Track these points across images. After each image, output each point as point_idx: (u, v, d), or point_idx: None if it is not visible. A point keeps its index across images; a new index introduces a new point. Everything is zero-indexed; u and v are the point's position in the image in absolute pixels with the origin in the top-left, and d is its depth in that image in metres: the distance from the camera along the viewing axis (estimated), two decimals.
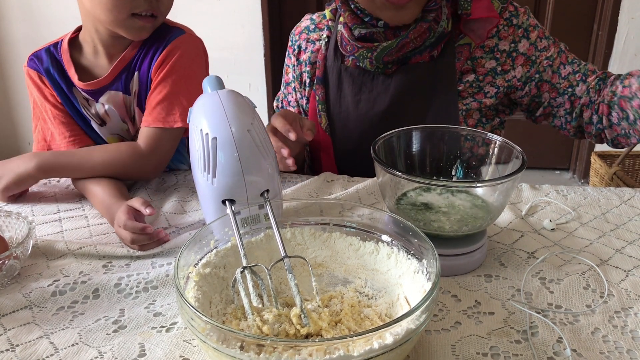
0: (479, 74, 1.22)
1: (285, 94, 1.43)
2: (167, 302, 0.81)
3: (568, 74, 1.21)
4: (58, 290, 0.83)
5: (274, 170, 0.86)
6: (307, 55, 1.33)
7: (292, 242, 0.83)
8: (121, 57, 1.20)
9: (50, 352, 0.71)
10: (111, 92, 1.22)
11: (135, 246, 0.93)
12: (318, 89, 1.30)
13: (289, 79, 1.40)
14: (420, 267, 0.72)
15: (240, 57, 3.15)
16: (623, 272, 0.85)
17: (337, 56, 1.28)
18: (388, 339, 0.57)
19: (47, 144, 1.26)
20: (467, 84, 1.22)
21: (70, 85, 1.22)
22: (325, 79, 1.30)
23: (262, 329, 0.65)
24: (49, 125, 1.25)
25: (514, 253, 0.90)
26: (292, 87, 1.40)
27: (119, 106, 1.23)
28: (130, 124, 1.27)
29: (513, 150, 0.88)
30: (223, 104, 0.82)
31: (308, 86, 1.34)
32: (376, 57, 1.18)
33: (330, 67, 1.28)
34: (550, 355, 0.68)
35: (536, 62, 1.21)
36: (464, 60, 1.21)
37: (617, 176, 2.05)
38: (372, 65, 1.20)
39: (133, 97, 1.23)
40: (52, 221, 1.06)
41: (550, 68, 1.21)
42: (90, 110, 1.24)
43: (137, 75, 1.22)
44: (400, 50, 1.17)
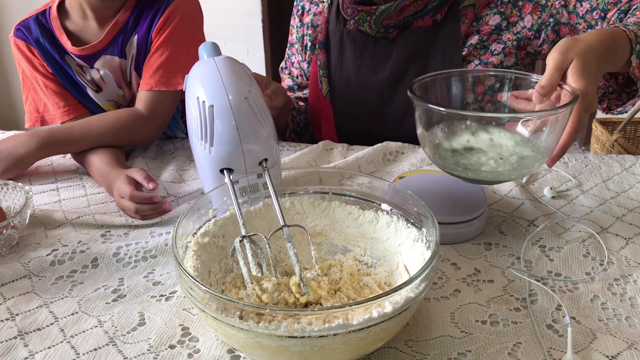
0: (483, 34, 1.16)
1: (289, 54, 1.41)
2: (166, 271, 0.81)
3: (586, 12, 1.07)
4: (57, 259, 0.82)
5: (272, 139, 0.85)
6: (310, 17, 1.31)
7: (291, 211, 0.82)
8: (114, 21, 1.18)
9: (50, 321, 0.71)
10: (106, 56, 1.20)
11: (137, 216, 0.93)
12: (320, 54, 1.28)
13: (292, 40, 1.38)
14: (420, 236, 0.72)
15: (237, 22, 3.11)
16: (623, 240, 0.85)
17: (340, 20, 1.25)
18: (387, 307, 0.57)
19: (40, 115, 1.24)
20: (470, 47, 1.17)
21: (63, 52, 1.20)
22: (327, 43, 1.27)
23: (262, 298, 0.65)
24: (41, 96, 1.23)
25: (514, 221, 0.90)
26: (295, 49, 1.38)
27: (114, 70, 1.22)
28: (126, 88, 1.26)
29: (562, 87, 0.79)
30: (220, 71, 0.80)
31: (309, 50, 1.32)
32: (375, 21, 1.15)
33: (332, 30, 1.26)
34: (549, 323, 0.68)
35: (547, 5, 1.12)
36: (469, 22, 1.17)
37: (619, 143, 2.04)
38: (372, 30, 1.18)
39: (130, 60, 1.22)
40: (50, 190, 1.06)
41: (564, 9, 1.10)
42: (85, 76, 1.22)
43: (136, 38, 1.20)
44: (400, 14, 1.14)
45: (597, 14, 1.06)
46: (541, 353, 0.64)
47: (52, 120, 1.23)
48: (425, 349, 0.65)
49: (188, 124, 0.85)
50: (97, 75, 1.22)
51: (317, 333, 0.55)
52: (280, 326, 0.55)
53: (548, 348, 0.65)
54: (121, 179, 0.96)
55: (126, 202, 0.94)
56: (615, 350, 0.64)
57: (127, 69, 1.23)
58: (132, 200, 0.93)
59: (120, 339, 0.68)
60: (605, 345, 0.65)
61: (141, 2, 1.20)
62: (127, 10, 1.19)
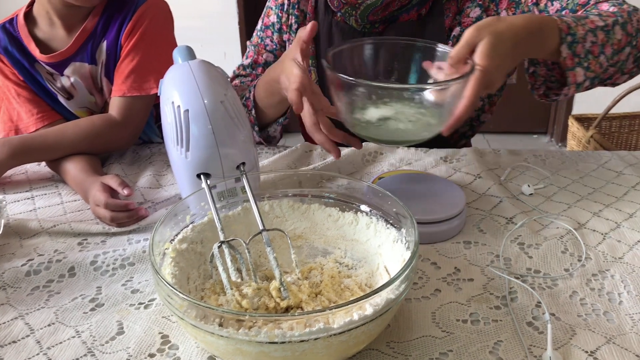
0: (464, 26, 1.15)
1: (263, 37, 1.31)
2: (144, 278, 0.80)
3: (556, 11, 1.05)
4: (32, 269, 0.81)
5: (250, 142, 0.84)
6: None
7: (271, 215, 0.82)
8: (82, 27, 1.17)
9: (25, 333, 0.69)
10: (76, 63, 1.19)
11: (114, 223, 0.92)
12: None
13: (269, 22, 1.29)
14: (399, 236, 0.72)
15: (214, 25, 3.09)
16: (600, 235, 0.86)
17: (328, 10, 1.23)
18: (368, 309, 0.57)
19: (14, 124, 1.22)
20: (454, 39, 1.16)
21: (32, 60, 1.18)
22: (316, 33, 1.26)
23: (242, 304, 0.64)
24: (13, 104, 1.21)
25: (492, 219, 0.90)
26: (273, 30, 1.29)
27: (84, 77, 1.20)
28: (98, 95, 1.24)
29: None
30: (194, 75, 0.80)
31: (294, 32, 1.26)
32: (360, 15, 1.14)
33: (321, 20, 1.24)
34: (530, 320, 0.69)
35: (520, 2, 1.09)
36: (452, 16, 1.16)
37: (594, 139, 2.07)
38: (358, 24, 1.17)
39: (100, 67, 1.20)
40: (24, 199, 1.04)
41: (535, 7, 1.07)
42: (56, 84, 1.20)
43: (105, 44, 1.18)
44: (386, 9, 1.13)
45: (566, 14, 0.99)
46: (522, 350, 0.64)
47: (26, 129, 1.21)
48: (407, 349, 0.65)
49: (163, 129, 0.84)
50: (68, 83, 1.20)
51: (298, 338, 0.54)
52: (261, 332, 0.54)
53: (529, 345, 0.65)
54: (96, 187, 0.95)
55: (101, 210, 0.92)
56: (594, 345, 0.65)
57: (98, 75, 1.21)
58: (107, 208, 0.91)
59: (98, 349, 0.66)
60: (584, 340, 0.65)
61: (109, 8, 1.18)
62: (96, 16, 1.18)
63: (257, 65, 1.32)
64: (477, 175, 1.04)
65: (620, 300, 0.72)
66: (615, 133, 2.36)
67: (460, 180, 1.03)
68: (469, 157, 1.11)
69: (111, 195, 0.94)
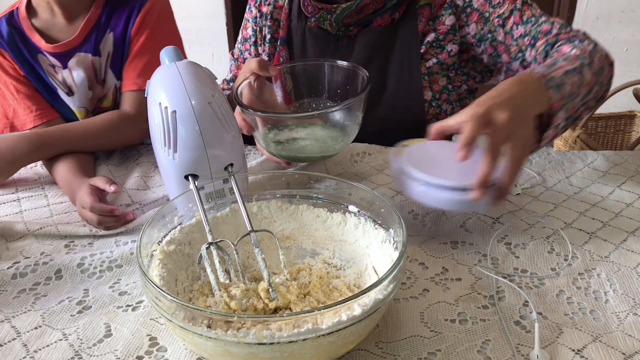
0: (439, 33, 1.16)
1: (242, 50, 1.35)
2: (132, 280, 0.79)
3: (519, 35, 1.07)
4: (18, 272, 0.80)
5: (238, 143, 0.84)
6: (269, 8, 1.27)
7: (259, 216, 0.82)
8: (87, 17, 1.17)
9: (12, 337, 0.69)
10: (80, 54, 1.19)
11: (101, 226, 0.91)
12: (282, 50, 1.26)
13: (247, 35, 1.32)
14: (388, 237, 0.72)
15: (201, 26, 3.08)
16: (586, 235, 0.86)
17: (301, 16, 1.23)
18: (356, 310, 0.57)
19: (9, 121, 1.21)
20: (427, 44, 1.17)
21: (35, 52, 1.18)
22: (289, 39, 1.26)
23: (230, 305, 0.64)
24: (9, 101, 1.20)
25: (479, 219, 0.91)
26: (250, 43, 1.32)
27: (87, 68, 1.20)
28: (98, 87, 1.23)
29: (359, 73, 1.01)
30: (182, 76, 0.79)
31: (269, 42, 1.28)
32: (335, 19, 1.15)
33: (294, 27, 1.24)
34: (517, 319, 0.69)
35: (489, 19, 1.10)
36: (425, 21, 1.17)
37: (581, 139, 2.08)
38: (332, 28, 1.18)
39: (106, 58, 1.20)
40: (11, 201, 1.03)
41: (502, 28, 1.09)
42: (57, 77, 1.20)
43: (112, 36, 1.19)
44: (360, 12, 1.14)
45: (528, 40, 1.05)
46: (510, 349, 0.65)
47: (21, 126, 1.20)
48: (396, 349, 0.65)
49: (151, 130, 0.84)
50: (69, 77, 1.20)
51: (287, 339, 0.54)
52: (249, 333, 0.54)
53: (516, 344, 0.65)
54: (84, 189, 0.94)
55: (88, 213, 0.91)
56: (581, 343, 0.65)
57: (102, 66, 1.22)
58: (92, 212, 0.91)
59: (86, 352, 0.66)
60: (571, 339, 0.66)
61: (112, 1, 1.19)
62: (99, 6, 1.19)
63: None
64: None
65: (606, 298, 0.73)
66: (601, 133, 2.38)
67: None
68: None
69: (99, 198, 0.93)
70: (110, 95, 1.26)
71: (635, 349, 0.64)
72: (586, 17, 2.86)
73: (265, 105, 1.05)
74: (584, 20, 2.87)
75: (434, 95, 1.20)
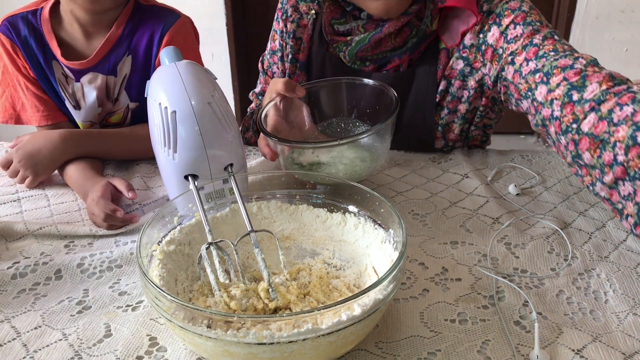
0: (449, 78, 1.08)
1: (271, 63, 1.28)
2: (132, 280, 0.79)
3: (529, 72, 0.92)
4: (18, 272, 0.80)
5: (238, 143, 0.84)
6: (293, 26, 1.20)
7: (259, 216, 0.82)
8: (106, 38, 1.15)
9: (12, 337, 0.69)
10: (95, 73, 1.17)
11: (104, 224, 0.91)
12: (300, 75, 1.21)
13: (275, 47, 1.26)
14: (387, 237, 0.72)
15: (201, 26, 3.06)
16: (586, 235, 0.86)
17: (322, 41, 1.17)
18: (356, 310, 0.57)
19: (16, 112, 1.20)
20: (441, 93, 1.10)
21: (50, 58, 1.16)
22: (308, 64, 1.21)
23: (230, 305, 0.64)
24: (20, 94, 1.19)
25: (479, 219, 0.91)
26: (278, 57, 1.26)
27: (99, 87, 1.18)
28: (108, 104, 1.22)
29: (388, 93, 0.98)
30: (182, 76, 0.79)
31: (290, 62, 1.22)
32: (349, 53, 1.09)
33: (315, 51, 1.19)
34: (517, 319, 0.69)
35: (502, 56, 0.99)
36: (443, 68, 1.09)
37: None
38: (347, 61, 1.12)
39: (121, 80, 1.19)
40: (11, 201, 1.03)
41: (512, 66, 0.97)
42: (67, 89, 1.18)
43: (131, 58, 1.18)
44: (376, 48, 1.07)
45: (540, 77, 0.89)
46: (509, 349, 0.65)
47: (28, 121, 1.20)
48: (396, 349, 0.65)
49: (151, 130, 0.84)
50: (80, 91, 1.18)
51: (286, 339, 0.54)
52: (249, 333, 0.54)
53: (516, 344, 0.65)
54: (99, 185, 0.96)
55: (95, 207, 0.92)
56: (581, 343, 0.65)
57: (116, 86, 1.20)
58: (97, 206, 0.91)
59: (86, 352, 0.66)
60: (571, 339, 0.66)
61: (133, 19, 1.17)
62: (119, 27, 1.16)
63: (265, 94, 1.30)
64: (465, 175, 1.05)
65: (606, 299, 0.73)
66: None
67: (447, 180, 1.03)
68: (458, 158, 1.12)
69: (112, 197, 0.95)
70: (121, 113, 1.25)
71: (635, 348, 0.64)
72: (586, 17, 2.86)
73: (291, 125, 1.02)
74: (584, 20, 2.87)
75: (446, 143, 1.16)
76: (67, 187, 1.07)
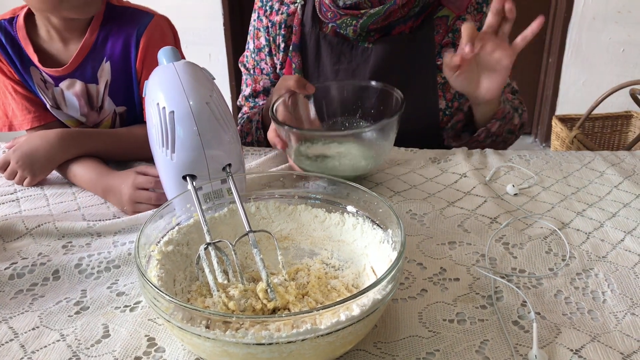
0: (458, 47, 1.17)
1: (257, 60, 1.32)
2: (130, 281, 0.79)
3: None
4: (16, 273, 0.80)
5: (236, 143, 0.84)
6: (282, 17, 1.25)
7: (257, 216, 0.82)
8: (82, 44, 1.15)
9: (9, 337, 0.69)
10: (73, 79, 1.17)
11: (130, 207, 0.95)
12: (294, 56, 1.25)
13: (260, 44, 1.30)
14: (386, 237, 0.72)
15: (199, 26, 3.08)
16: (584, 235, 0.86)
17: (315, 23, 1.22)
18: (355, 310, 0.57)
19: (8, 120, 1.20)
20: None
21: (27, 64, 1.16)
22: (302, 45, 1.25)
23: (228, 305, 0.64)
24: (9, 100, 1.19)
25: (477, 219, 0.91)
26: (265, 53, 1.30)
27: (78, 93, 1.19)
28: (94, 114, 1.22)
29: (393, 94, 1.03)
30: (180, 76, 0.79)
31: (282, 51, 1.26)
32: (361, 25, 1.15)
33: (307, 33, 1.23)
34: (515, 319, 0.69)
35: None
36: (444, 33, 1.19)
37: (578, 139, 2.08)
38: (354, 34, 1.17)
39: (105, 86, 1.19)
40: (9, 201, 1.03)
41: None
42: (47, 93, 1.19)
43: (109, 65, 1.17)
44: (386, 19, 1.15)
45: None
46: (508, 349, 0.65)
47: (19, 127, 1.20)
48: (394, 350, 0.65)
49: (149, 130, 0.83)
50: (60, 95, 1.18)
51: (285, 339, 0.54)
52: (248, 334, 0.54)
53: (514, 344, 0.65)
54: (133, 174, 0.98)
55: (144, 193, 0.95)
56: (579, 343, 0.65)
57: (99, 94, 1.20)
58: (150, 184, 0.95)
59: (84, 353, 0.66)
60: (569, 339, 0.66)
61: (106, 24, 1.17)
62: (94, 31, 1.16)
63: (258, 94, 1.33)
64: (463, 175, 1.05)
65: (604, 298, 0.73)
66: (598, 133, 2.38)
67: (445, 180, 1.04)
68: (457, 158, 1.12)
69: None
70: (109, 120, 1.25)
71: (633, 348, 0.64)
72: (582, 17, 2.87)
73: (299, 122, 1.06)
74: (581, 20, 2.88)
75: (447, 104, 1.22)
76: (66, 186, 1.07)
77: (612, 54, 2.90)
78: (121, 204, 0.98)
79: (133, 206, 0.96)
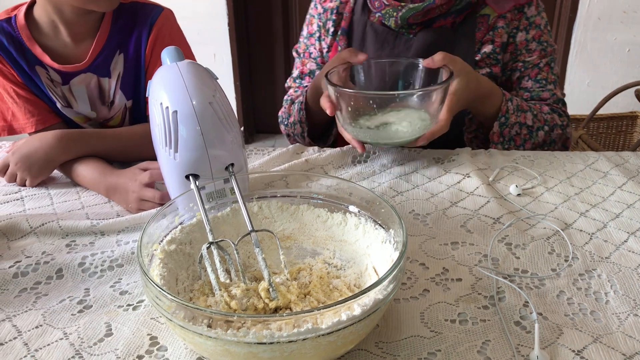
0: (496, 45, 1.23)
1: (308, 45, 1.40)
2: (133, 280, 0.79)
3: (524, 88, 1.26)
4: (20, 271, 0.80)
5: (239, 143, 0.84)
6: (335, 4, 1.33)
7: (260, 216, 0.82)
8: (97, 39, 1.15)
9: (13, 335, 0.69)
10: (87, 74, 1.17)
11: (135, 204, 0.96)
12: (341, 40, 1.31)
13: (313, 30, 1.38)
14: (388, 237, 0.72)
15: (203, 26, 3.08)
16: (587, 235, 0.86)
17: (365, 11, 1.29)
18: (356, 310, 0.57)
19: (7, 124, 1.20)
20: (484, 54, 1.23)
21: (33, 63, 1.16)
22: (349, 30, 1.31)
23: (230, 304, 0.64)
24: (9, 104, 1.19)
25: (479, 219, 0.91)
26: (315, 38, 1.38)
27: (91, 87, 1.19)
28: (104, 109, 1.22)
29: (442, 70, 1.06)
30: (183, 76, 0.79)
31: (331, 35, 1.34)
32: (401, 17, 1.19)
33: (356, 20, 1.30)
34: (517, 320, 0.69)
35: (517, 59, 1.25)
36: (485, 30, 1.23)
37: (582, 140, 2.08)
38: (396, 25, 1.22)
39: (117, 79, 1.19)
40: (14, 200, 1.03)
41: (519, 72, 1.25)
42: (56, 90, 1.19)
43: (122, 57, 1.18)
44: (425, 15, 1.19)
45: (527, 97, 1.25)
46: (510, 350, 0.65)
47: (20, 130, 1.20)
48: (396, 349, 0.65)
49: (152, 130, 0.84)
50: (68, 92, 1.19)
51: (286, 338, 0.54)
52: (249, 333, 0.54)
53: (516, 345, 0.65)
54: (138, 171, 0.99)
55: (149, 191, 0.95)
56: (581, 344, 0.65)
57: (111, 88, 1.20)
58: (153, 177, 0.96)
59: (86, 351, 0.66)
60: (571, 340, 0.66)
61: (119, 19, 1.18)
62: (106, 28, 1.17)
63: (304, 76, 1.40)
64: (466, 175, 1.05)
65: (606, 299, 0.73)
66: (603, 134, 2.37)
67: (448, 181, 1.03)
68: (461, 158, 1.12)
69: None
70: (119, 116, 1.25)
71: (635, 350, 0.64)
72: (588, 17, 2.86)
73: None
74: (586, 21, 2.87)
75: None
76: (70, 185, 1.08)
77: (617, 54, 2.90)
78: (125, 202, 0.98)
79: (138, 203, 0.96)
